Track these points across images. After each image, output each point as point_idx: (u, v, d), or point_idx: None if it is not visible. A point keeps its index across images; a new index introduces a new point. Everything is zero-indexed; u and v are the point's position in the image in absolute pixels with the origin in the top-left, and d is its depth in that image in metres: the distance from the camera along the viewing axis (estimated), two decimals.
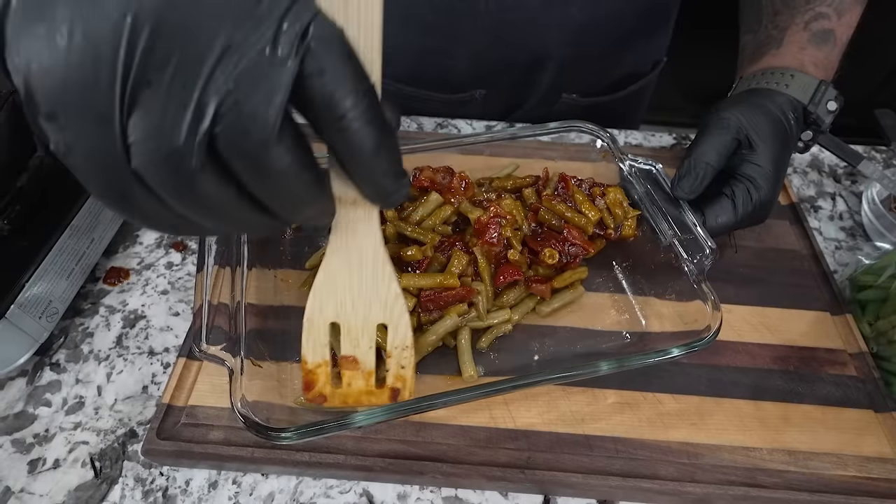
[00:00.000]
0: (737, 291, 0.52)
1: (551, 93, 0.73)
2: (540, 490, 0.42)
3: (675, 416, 0.44)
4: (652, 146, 0.69)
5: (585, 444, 0.42)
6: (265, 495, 0.41)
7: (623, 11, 0.65)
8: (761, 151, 0.48)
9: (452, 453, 0.41)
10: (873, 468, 0.42)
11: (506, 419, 0.43)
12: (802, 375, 0.47)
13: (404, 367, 0.36)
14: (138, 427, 0.45)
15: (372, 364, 0.35)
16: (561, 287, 0.49)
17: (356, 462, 0.41)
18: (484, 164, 0.57)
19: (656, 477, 0.41)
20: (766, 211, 0.50)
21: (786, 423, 0.44)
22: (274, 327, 0.47)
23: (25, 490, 0.41)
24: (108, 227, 0.54)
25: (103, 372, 0.48)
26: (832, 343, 0.49)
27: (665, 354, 0.40)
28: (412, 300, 0.44)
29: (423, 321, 0.45)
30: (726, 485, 0.41)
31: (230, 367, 0.38)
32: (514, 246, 0.48)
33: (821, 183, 0.67)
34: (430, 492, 0.42)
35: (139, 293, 0.53)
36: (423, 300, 0.45)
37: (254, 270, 0.48)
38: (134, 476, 0.42)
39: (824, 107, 0.52)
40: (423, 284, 0.45)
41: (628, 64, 0.74)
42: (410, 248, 0.46)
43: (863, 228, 0.61)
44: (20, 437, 0.44)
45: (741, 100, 0.51)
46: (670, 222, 0.47)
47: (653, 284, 0.50)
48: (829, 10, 0.54)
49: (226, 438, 0.42)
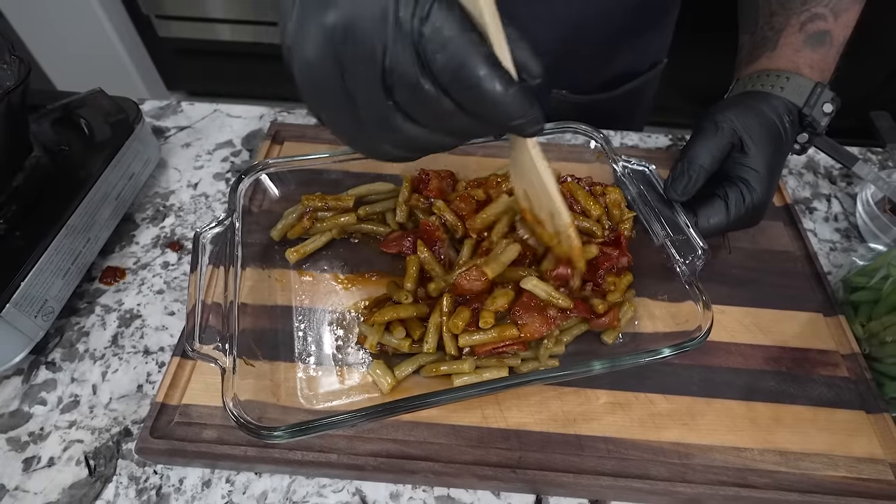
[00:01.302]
0: (730, 292, 0.52)
1: (541, 89, 0.73)
2: (532, 490, 0.42)
3: (667, 416, 0.44)
4: (648, 147, 0.69)
5: (577, 443, 0.43)
6: (258, 494, 0.42)
7: (613, 10, 0.65)
8: (754, 154, 0.48)
9: (444, 452, 0.42)
10: (864, 469, 0.42)
11: (497, 419, 0.44)
12: (795, 376, 0.47)
13: (571, 236, 0.42)
14: (133, 426, 0.45)
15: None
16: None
17: (348, 461, 0.41)
18: (477, 164, 0.57)
19: (647, 477, 0.41)
20: (759, 213, 0.50)
21: (777, 424, 0.44)
22: (268, 327, 0.47)
23: (20, 488, 0.41)
24: (105, 226, 0.55)
25: (98, 371, 0.48)
26: (825, 344, 0.49)
27: (656, 355, 0.40)
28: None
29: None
30: (717, 485, 0.41)
31: (222, 366, 0.38)
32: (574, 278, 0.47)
33: (816, 184, 0.67)
34: (422, 491, 0.42)
35: (135, 293, 0.53)
36: (478, 352, 0.44)
37: (248, 270, 0.48)
38: (128, 474, 0.42)
39: (820, 109, 0.51)
40: (483, 341, 0.43)
41: (622, 63, 0.74)
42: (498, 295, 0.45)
43: (857, 230, 0.62)
44: (15, 435, 0.44)
45: (736, 102, 0.51)
46: (663, 223, 0.47)
47: (645, 285, 0.50)
48: (826, 10, 0.54)
49: (219, 437, 0.42)
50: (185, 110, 0.72)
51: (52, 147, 0.54)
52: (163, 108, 0.72)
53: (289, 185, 0.54)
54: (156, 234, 0.58)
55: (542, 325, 0.43)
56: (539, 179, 0.39)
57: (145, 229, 0.59)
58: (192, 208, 0.61)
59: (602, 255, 0.48)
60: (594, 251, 0.47)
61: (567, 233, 0.42)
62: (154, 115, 0.71)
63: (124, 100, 0.60)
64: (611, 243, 0.50)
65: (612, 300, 0.47)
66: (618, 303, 0.48)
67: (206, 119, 0.71)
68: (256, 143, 0.68)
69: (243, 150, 0.68)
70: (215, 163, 0.66)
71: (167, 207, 0.61)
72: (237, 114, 0.72)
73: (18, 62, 0.47)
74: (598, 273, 0.48)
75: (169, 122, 0.71)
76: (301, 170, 0.53)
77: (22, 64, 0.47)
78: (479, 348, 0.43)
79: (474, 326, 0.43)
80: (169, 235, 0.58)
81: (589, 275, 0.48)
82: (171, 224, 0.59)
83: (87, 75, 1.70)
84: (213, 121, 0.71)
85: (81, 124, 0.56)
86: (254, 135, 0.69)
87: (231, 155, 0.67)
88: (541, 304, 0.44)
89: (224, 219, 0.46)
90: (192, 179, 0.64)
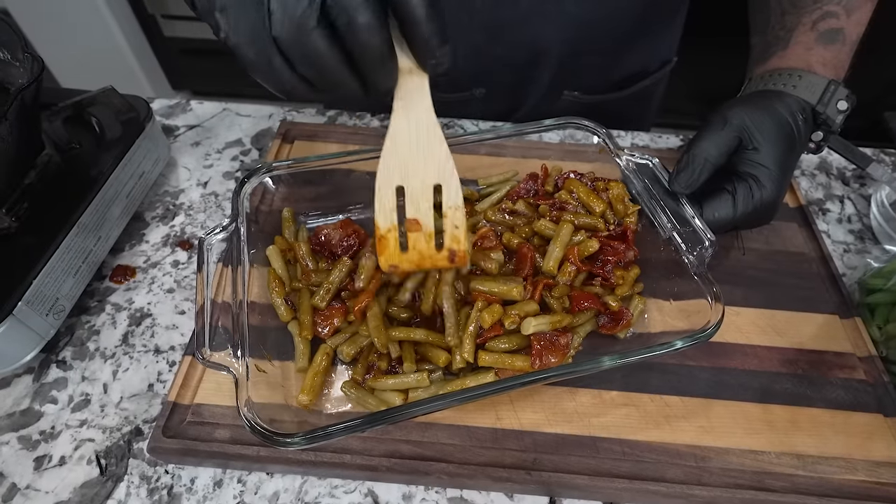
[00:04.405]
0: (745, 294, 0.52)
1: (552, 90, 0.73)
2: (546, 492, 0.41)
3: (683, 418, 0.44)
4: (658, 147, 0.69)
5: (592, 445, 0.42)
6: (270, 494, 0.41)
7: (624, 9, 0.65)
8: (765, 151, 0.48)
9: (458, 454, 0.41)
10: (883, 472, 0.42)
11: (511, 420, 0.43)
12: (811, 379, 0.47)
13: (458, 227, 0.39)
14: (144, 425, 0.45)
15: (431, 225, 0.39)
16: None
17: (361, 462, 0.40)
18: (476, 163, 0.57)
19: (663, 479, 0.41)
20: (770, 212, 0.49)
21: (794, 427, 0.44)
22: (277, 326, 0.47)
23: (31, 487, 0.41)
24: (115, 225, 0.54)
25: (109, 370, 0.48)
26: (841, 347, 0.49)
27: (668, 347, 0.40)
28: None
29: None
30: (734, 488, 0.40)
31: (235, 375, 0.38)
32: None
33: (829, 185, 0.66)
34: (435, 492, 0.42)
35: (145, 291, 0.53)
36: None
37: (255, 270, 0.47)
38: (139, 474, 0.42)
39: (834, 107, 0.51)
40: (501, 365, 0.43)
41: (633, 62, 0.74)
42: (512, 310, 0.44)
43: (871, 231, 0.61)
44: (26, 433, 0.44)
45: (747, 100, 0.51)
46: (669, 216, 0.47)
47: (654, 279, 0.50)
48: (838, 8, 0.53)
49: (231, 437, 0.42)
50: (194, 109, 0.72)
51: (64, 145, 0.54)
52: (172, 107, 0.72)
53: (292, 186, 0.53)
54: (166, 232, 0.58)
55: (559, 357, 0.43)
56: (430, 142, 0.38)
57: (155, 228, 0.58)
58: (201, 207, 0.61)
59: (609, 249, 0.48)
60: (595, 246, 0.48)
61: (456, 210, 0.39)
62: (163, 113, 0.71)
63: (135, 98, 0.60)
64: (617, 237, 0.50)
65: (621, 293, 0.47)
66: (626, 297, 0.48)
67: (215, 118, 0.71)
68: (266, 142, 0.68)
69: (253, 148, 0.67)
70: (225, 161, 0.66)
71: (177, 206, 0.61)
72: (246, 112, 0.72)
73: (31, 60, 0.47)
74: (606, 267, 0.47)
75: (178, 121, 0.70)
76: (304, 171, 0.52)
77: (35, 62, 0.46)
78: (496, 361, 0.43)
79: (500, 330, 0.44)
80: (179, 234, 0.58)
81: (597, 269, 0.48)
82: (181, 223, 0.59)
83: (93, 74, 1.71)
84: (222, 119, 0.71)
85: (93, 122, 0.56)
86: (263, 133, 0.69)
87: (241, 154, 0.67)
88: (550, 336, 0.43)
89: (228, 224, 0.45)
90: (201, 178, 0.64)
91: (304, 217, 0.55)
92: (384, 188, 0.39)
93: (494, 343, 0.43)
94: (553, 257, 0.47)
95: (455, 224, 0.39)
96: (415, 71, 0.35)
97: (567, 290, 0.46)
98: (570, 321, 0.45)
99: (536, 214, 0.53)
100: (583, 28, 0.65)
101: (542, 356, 0.42)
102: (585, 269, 0.48)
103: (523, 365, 0.42)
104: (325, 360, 0.43)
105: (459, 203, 0.39)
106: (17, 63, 0.48)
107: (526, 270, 0.47)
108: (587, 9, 0.64)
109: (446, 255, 0.40)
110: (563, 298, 0.46)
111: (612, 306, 0.46)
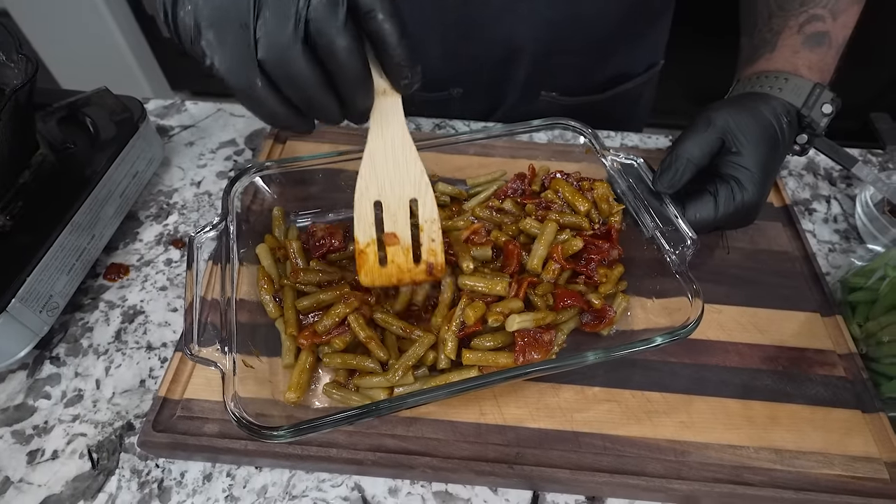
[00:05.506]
0: (728, 292, 0.52)
1: (529, 90, 0.73)
2: (529, 485, 0.42)
3: (664, 414, 0.45)
4: (648, 148, 0.70)
5: (574, 440, 0.43)
6: (258, 488, 0.42)
7: (598, 12, 0.66)
8: (748, 154, 0.48)
9: (442, 448, 0.42)
10: (859, 467, 0.42)
11: (495, 415, 0.44)
12: (791, 375, 0.47)
13: (434, 240, 0.41)
14: (135, 420, 0.45)
15: (408, 239, 0.41)
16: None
17: (347, 456, 0.41)
18: (466, 162, 0.58)
19: (643, 474, 0.41)
20: (752, 213, 0.50)
21: (774, 423, 0.45)
22: (266, 323, 0.48)
23: (24, 480, 0.42)
24: (109, 224, 0.55)
25: (102, 366, 0.49)
26: (822, 344, 0.49)
27: (649, 343, 0.40)
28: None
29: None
30: (712, 482, 0.41)
31: (222, 370, 0.38)
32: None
33: (816, 186, 0.67)
34: (420, 486, 0.43)
35: (138, 289, 0.54)
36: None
37: (245, 268, 0.48)
38: (130, 468, 0.43)
39: (819, 110, 0.51)
40: (486, 363, 0.44)
41: (614, 64, 0.74)
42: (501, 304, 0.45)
43: (857, 231, 0.62)
44: (20, 428, 0.45)
45: (732, 102, 0.52)
46: (653, 215, 0.48)
47: (637, 277, 0.50)
48: (824, 11, 0.54)
49: (220, 431, 0.42)
50: (188, 109, 0.73)
51: (58, 145, 0.55)
52: (167, 108, 0.73)
53: (282, 185, 0.54)
54: (159, 231, 0.59)
55: (542, 354, 0.43)
56: (405, 158, 0.40)
57: (149, 227, 0.59)
58: (195, 206, 0.61)
59: (593, 248, 0.49)
60: (579, 245, 0.48)
61: (432, 223, 0.41)
62: (158, 113, 0.72)
63: (129, 99, 0.61)
64: (601, 236, 0.50)
65: (605, 291, 0.48)
66: (610, 295, 0.49)
67: (209, 118, 0.72)
68: (259, 142, 0.69)
69: (246, 148, 0.68)
70: (218, 161, 0.66)
71: (170, 205, 0.62)
72: (240, 113, 0.73)
73: (25, 61, 0.47)
74: (590, 266, 0.48)
75: (173, 121, 0.71)
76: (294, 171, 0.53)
77: (29, 62, 0.47)
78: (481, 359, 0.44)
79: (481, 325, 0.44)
80: (172, 233, 0.59)
81: (581, 267, 0.49)
82: (175, 222, 0.60)
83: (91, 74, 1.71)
84: (216, 120, 0.72)
85: (87, 123, 0.57)
86: (256, 134, 0.70)
87: (234, 154, 0.68)
88: (534, 333, 0.44)
89: (218, 222, 0.46)
90: (195, 178, 0.65)
91: (294, 216, 0.56)
92: (363, 205, 0.41)
93: (479, 341, 0.44)
94: (537, 256, 0.48)
95: (431, 237, 0.41)
96: (388, 91, 0.37)
97: (551, 287, 0.47)
98: (553, 318, 0.45)
99: (523, 213, 0.53)
100: (555, 28, 0.66)
101: (526, 353, 0.43)
102: (569, 267, 0.48)
103: (507, 362, 0.43)
104: (310, 357, 0.44)
105: (435, 216, 0.41)
106: (11, 64, 0.49)
107: (513, 267, 0.48)
108: (558, 9, 0.64)
109: (424, 269, 0.42)
110: (547, 296, 0.47)
111: (595, 304, 0.47)
